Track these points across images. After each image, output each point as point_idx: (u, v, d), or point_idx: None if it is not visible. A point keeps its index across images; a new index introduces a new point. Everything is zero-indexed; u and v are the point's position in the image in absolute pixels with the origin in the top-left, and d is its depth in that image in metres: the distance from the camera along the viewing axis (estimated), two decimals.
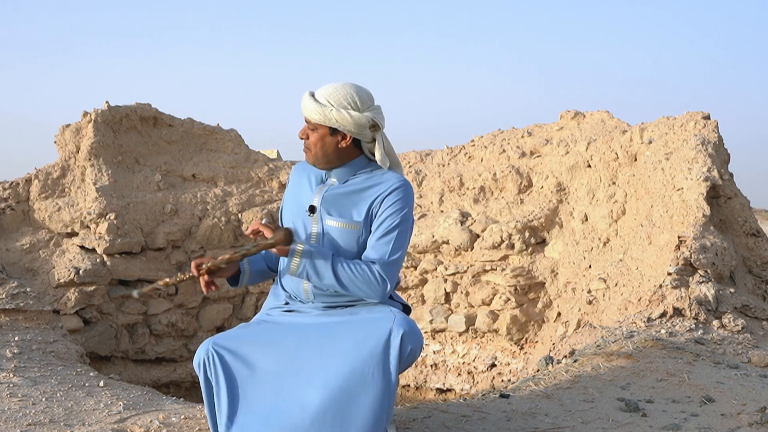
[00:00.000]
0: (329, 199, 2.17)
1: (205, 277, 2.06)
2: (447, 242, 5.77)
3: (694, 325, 3.84)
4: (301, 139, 2.20)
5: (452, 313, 5.62)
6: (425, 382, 5.61)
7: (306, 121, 2.17)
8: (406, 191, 2.14)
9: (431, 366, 5.62)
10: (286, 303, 2.20)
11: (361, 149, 2.18)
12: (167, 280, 2.11)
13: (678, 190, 4.70)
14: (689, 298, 4.02)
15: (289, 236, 2.03)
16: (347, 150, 2.16)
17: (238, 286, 2.26)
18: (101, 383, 3.29)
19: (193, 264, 2.07)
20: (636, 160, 5.43)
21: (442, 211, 6.23)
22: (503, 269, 5.47)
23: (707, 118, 5.30)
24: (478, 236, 5.75)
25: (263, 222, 2.07)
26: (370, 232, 2.14)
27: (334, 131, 2.14)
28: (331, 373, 1.89)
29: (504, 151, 6.42)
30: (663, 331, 3.74)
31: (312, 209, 2.17)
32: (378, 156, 2.18)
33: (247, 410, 1.90)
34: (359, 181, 2.19)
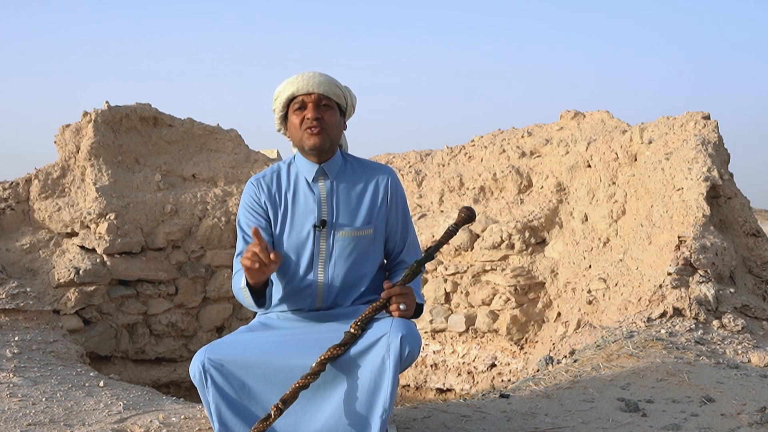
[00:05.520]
0: (337, 209, 2.09)
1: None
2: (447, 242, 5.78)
3: (694, 325, 3.84)
4: (315, 119, 2.03)
5: (452, 313, 5.62)
6: (425, 382, 5.60)
7: (316, 103, 2.04)
8: (397, 178, 2.22)
9: (431, 366, 5.62)
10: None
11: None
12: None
13: (678, 190, 4.70)
14: (689, 298, 4.02)
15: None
16: (339, 138, 2.17)
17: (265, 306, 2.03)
18: (101, 383, 3.29)
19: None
20: (636, 160, 5.44)
21: (442, 211, 6.23)
22: (503, 269, 5.47)
23: (707, 118, 5.31)
24: (478, 236, 5.76)
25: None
26: (383, 228, 2.16)
27: (341, 112, 2.14)
28: (330, 376, 1.88)
29: (504, 151, 6.42)
30: (663, 331, 3.74)
31: (323, 223, 2.06)
32: (343, 140, 2.22)
33: (246, 424, 1.87)
34: (351, 180, 2.14)
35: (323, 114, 2.06)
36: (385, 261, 2.28)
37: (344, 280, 2.10)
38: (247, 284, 1.94)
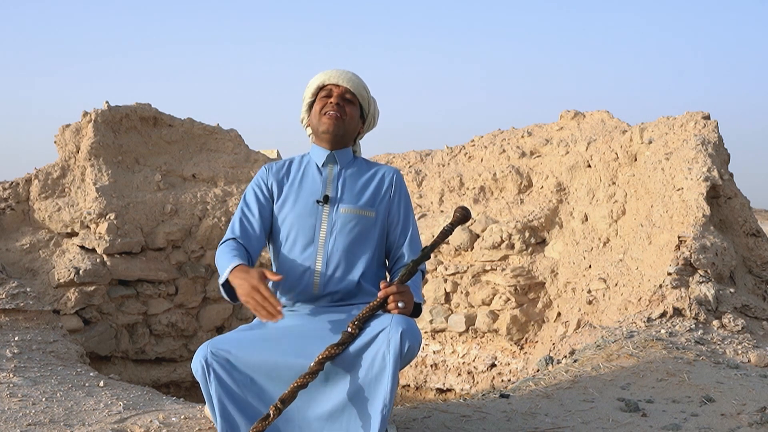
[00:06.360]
0: (342, 188, 2.20)
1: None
2: (447, 242, 5.77)
3: (694, 325, 3.84)
4: (336, 104, 2.18)
5: (452, 313, 5.62)
6: (425, 382, 5.61)
7: (341, 93, 2.20)
8: (402, 178, 2.33)
9: (431, 366, 5.62)
10: (292, 303, 2.18)
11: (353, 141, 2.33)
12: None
13: (678, 190, 4.70)
14: (689, 298, 4.02)
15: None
16: (353, 137, 2.29)
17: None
18: (101, 383, 3.29)
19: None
20: (636, 160, 5.44)
21: (442, 211, 6.23)
22: (503, 269, 5.47)
23: (707, 118, 5.31)
24: (478, 236, 5.76)
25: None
26: (385, 217, 2.24)
27: (360, 115, 2.28)
28: (331, 372, 1.88)
29: (504, 151, 6.42)
30: (663, 331, 3.74)
31: (326, 199, 2.17)
32: (358, 147, 2.33)
33: (248, 419, 1.87)
34: (358, 170, 2.26)
35: (345, 105, 2.21)
36: (387, 261, 2.30)
37: (342, 256, 2.15)
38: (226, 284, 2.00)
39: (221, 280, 2.00)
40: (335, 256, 2.14)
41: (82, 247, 5.28)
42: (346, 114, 2.20)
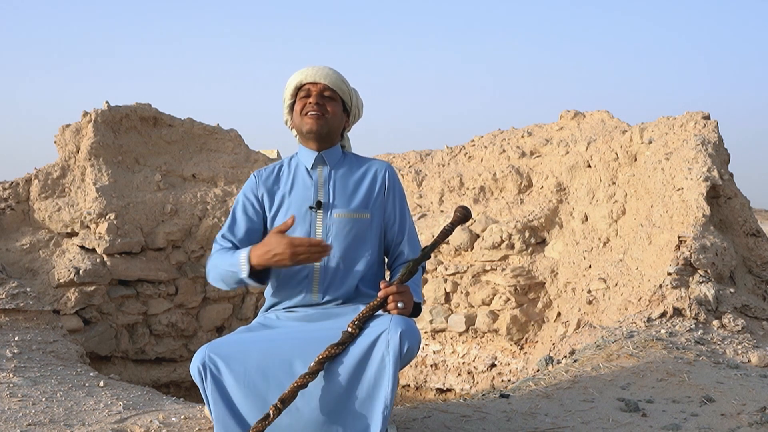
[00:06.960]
0: (334, 192, 2.16)
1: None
2: (447, 242, 5.78)
3: (694, 325, 3.84)
4: (316, 104, 2.13)
5: (452, 313, 5.62)
6: (425, 382, 5.61)
7: (320, 91, 2.15)
8: (395, 171, 2.29)
9: (431, 366, 5.62)
10: (292, 306, 2.17)
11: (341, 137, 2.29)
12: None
13: (678, 190, 4.70)
14: (689, 298, 4.02)
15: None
16: (339, 133, 2.25)
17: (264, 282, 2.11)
18: (101, 383, 3.29)
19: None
20: (636, 160, 5.44)
21: (442, 211, 6.24)
22: (503, 269, 5.47)
23: (707, 118, 5.31)
24: (478, 236, 5.76)
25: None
26: (381, 217, 2.20)
27: (344, 109, 2.24)
28: (331, 373, 1.88)
29: (504, 151, 6.42)
30: (663, 331, 3.74)
31: (319, 205, 2.13)
32: (347, 141, 2.30)
33: (245, 418, 1.87)
34: (349, 169, 2.22)
35: (325, 103, 2.16)
36: (386, 258, 2.29)
37: (340, 261, 2.13)
38: (251, 271, 1.98)
39: (244, 274, 1.98)
40: (333, 261, 2.12)
41: (82, 247, 5.28)
42: (327, 112, 2.16)
